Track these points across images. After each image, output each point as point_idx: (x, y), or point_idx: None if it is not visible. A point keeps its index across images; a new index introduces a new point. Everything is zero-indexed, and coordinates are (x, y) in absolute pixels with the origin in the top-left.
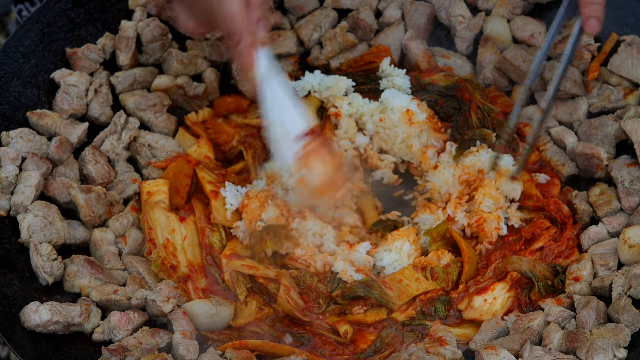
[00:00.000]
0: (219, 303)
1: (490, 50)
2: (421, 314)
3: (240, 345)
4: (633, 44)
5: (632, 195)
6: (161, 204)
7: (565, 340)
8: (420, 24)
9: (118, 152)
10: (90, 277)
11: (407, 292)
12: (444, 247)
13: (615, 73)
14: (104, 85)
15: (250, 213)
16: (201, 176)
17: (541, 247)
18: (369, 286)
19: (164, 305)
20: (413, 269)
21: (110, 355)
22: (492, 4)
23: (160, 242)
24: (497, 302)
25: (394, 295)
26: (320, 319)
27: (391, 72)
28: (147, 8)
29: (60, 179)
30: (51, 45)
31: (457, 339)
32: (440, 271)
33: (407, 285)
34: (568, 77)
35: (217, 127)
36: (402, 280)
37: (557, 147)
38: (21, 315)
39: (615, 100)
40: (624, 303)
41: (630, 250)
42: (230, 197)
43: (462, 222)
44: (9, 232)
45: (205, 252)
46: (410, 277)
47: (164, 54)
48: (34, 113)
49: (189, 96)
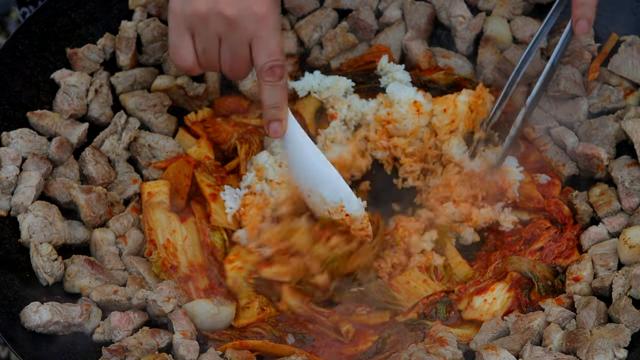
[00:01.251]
0: (220, 302)
1: (490, 50)
2: (422, 315)
3: (240, 345)
4: (633, 44)
5: (632, 195)
6: (162, 205)
7: (565, 340)
8: (420, 24)
9: (118, 152)
10: (90, 277)
11: (415, 294)
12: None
13: (615, 73)
14: (104, 86)
15: (249, 221)
16: (199, 179)
17: (541, 247)
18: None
19: (164, 305)
20: (419, 271)
21: (110, 355)
22: (492, 4)
23: (161, 242)
24: (496, 302)
25: (402, 298)
26: (325, 314)
27: (390, 69)
28: (147, 8)
29: (60, 179)
30: (51, 45)
31: (457, 339)
32: (444, 271)
33: (415, 287)
34: (568, 77)
35: (216, 125)
36: (409, 282)
37: (557, 147)
38: (21, 315)
39: (615, 100)
40: (624, 303)
41: (630, 250)
42: (230, 200)
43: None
44: (9, 232)
45: (207, 251)
46: (417, 279)
47: (164, 54)
48: (34, 113)
49: (189, 96)
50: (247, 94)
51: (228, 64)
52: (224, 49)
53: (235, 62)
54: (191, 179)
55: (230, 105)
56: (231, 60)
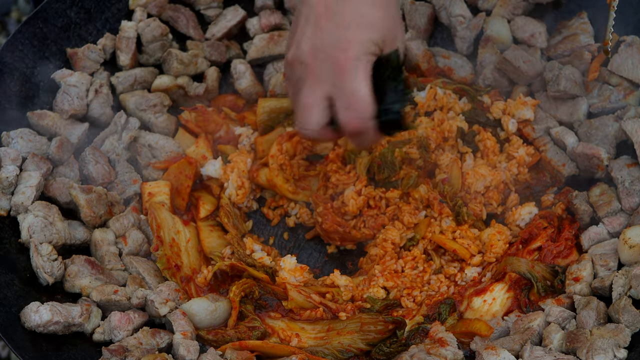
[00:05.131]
0: (215, 299)
1: (490, 50)
2: (427, 317)
3: (240, 346)
4: (633, 44)
5: (632, 195)
6: (163, 205)
7: (565, 340)
8: (420, 24)
9: (118, 152)
10: (91, 277)
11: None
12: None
13: (615, 73)
14: (104, 85)
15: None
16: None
17: (539, 247)
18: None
19: (160, 307)
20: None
21: (110, 355)
22: (492, 4)
23: (167, 240)
24: (496, 303)
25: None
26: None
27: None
28: (147, 8)
29: (60, 179)
30: (51, 45)
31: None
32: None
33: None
34: (568, 77)
35: (206, 114)
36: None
37: (557, 147)
38: (21, 315)
39: (615, 100)
40: (624, 303)
41: (630, 250)
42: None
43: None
44: (9, 232)
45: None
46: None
47: (164, 54)
48: (34, 113)
49: (189, 96)
50: (242, 92)
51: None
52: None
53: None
54: (192, 179)
55: (227, 103)
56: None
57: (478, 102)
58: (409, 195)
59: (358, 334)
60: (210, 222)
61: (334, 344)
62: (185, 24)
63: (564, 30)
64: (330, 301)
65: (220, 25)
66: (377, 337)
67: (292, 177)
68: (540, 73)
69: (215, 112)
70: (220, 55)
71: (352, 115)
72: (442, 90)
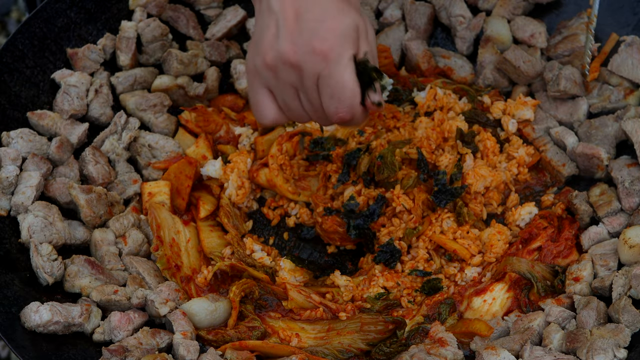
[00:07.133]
0: (215, 299)
1: (490, 50)
2: (427, 317)
3: (240, 346)
4: (633, 44)
5: (632, 195)
6: (163, 205)
7: (565, 340)
8: (420, 24)
9: (118, 152)
10: (91, 277)
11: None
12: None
13: (615, 73)
14: (104, 85)
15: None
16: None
17: (539, 247)
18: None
19: (160, 307)
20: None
21: (110, 355)
22: (492, 4)
23: (167, 240)
24: (496, 303)
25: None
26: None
27: None
28: (147, 8)
29: (60, 179)
30: (51, 45)
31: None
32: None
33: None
34: (568, 77)
35: (206, 115)
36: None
37: (557, 147)
38: (21, 315)
39: (615, 100)
40: (624, 303)
41: (630, 250)
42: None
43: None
44: (9, 232)
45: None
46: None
47: (164, 54)
48: (34, 113)
49: (189, 96)
50: (242, 92)
51: (312, 114)
52: (302, 97)
53: (315, 111)
54: (192, 179)
55: (227, 103)
56: (312, 109)
57: (478, 102)
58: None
59: (358, 334)
60: (210, 222)
61: (334, 344)
62: (185, 24)
63: (564, 30)
64: (330, 301)
65: (220, 25)
66: (377, 337)
67: (292, 177)
68: (540, 73)
69: (215, 112)
70: (220, 55)
71: (337, 105)
72: (442, 91)
